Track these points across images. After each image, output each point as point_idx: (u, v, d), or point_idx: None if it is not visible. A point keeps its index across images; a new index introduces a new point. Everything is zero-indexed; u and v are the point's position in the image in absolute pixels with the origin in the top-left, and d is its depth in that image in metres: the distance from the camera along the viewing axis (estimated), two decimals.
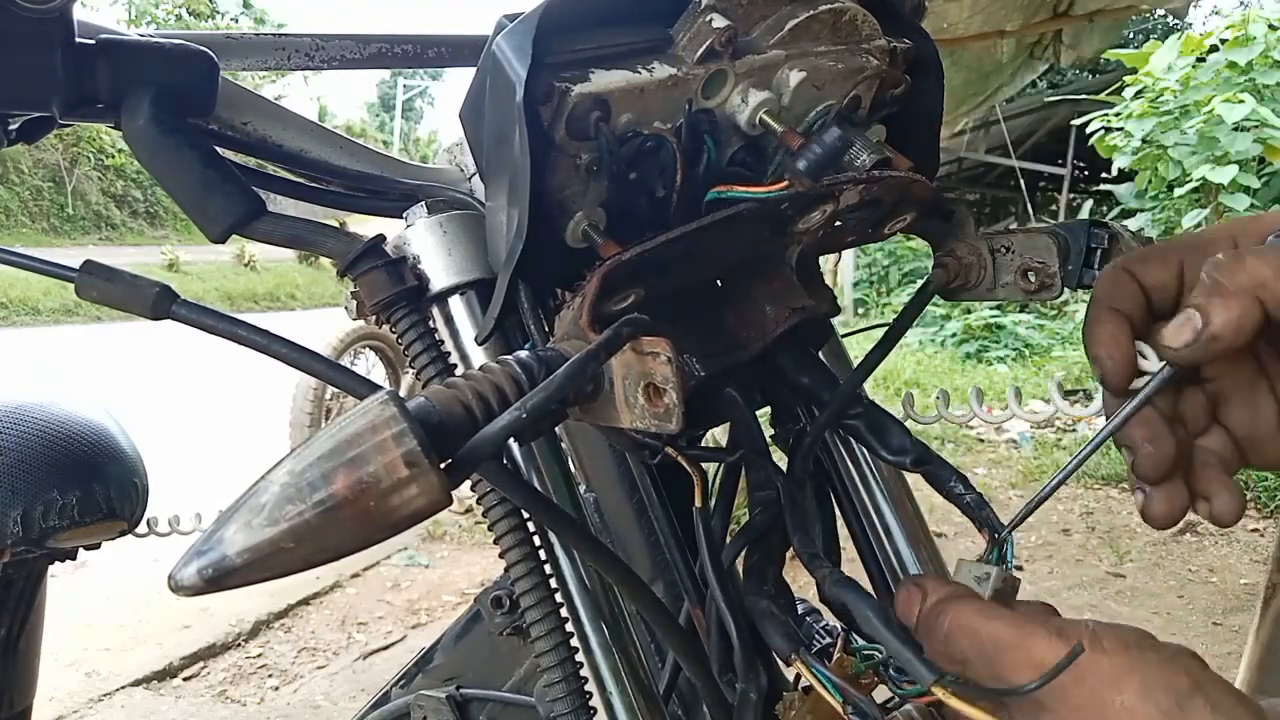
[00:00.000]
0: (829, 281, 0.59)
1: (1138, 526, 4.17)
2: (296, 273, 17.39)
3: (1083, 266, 0.53)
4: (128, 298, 0.55)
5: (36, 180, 17.27)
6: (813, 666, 0.44)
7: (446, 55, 0.72)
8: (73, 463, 0.87)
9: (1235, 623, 3.15)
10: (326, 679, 2.89)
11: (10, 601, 0.96)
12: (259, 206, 0.56)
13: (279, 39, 0.67)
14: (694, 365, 0.50)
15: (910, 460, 0.50)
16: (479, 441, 0.34)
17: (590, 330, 0.40)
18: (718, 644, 0.55)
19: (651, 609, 0.53)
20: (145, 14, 21.45)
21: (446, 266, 0.57)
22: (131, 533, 0.94)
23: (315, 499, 0.29)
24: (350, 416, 0.31)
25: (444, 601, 3.43)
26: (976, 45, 4.50)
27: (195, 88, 0.58)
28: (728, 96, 0.47)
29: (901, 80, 0.52)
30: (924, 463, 0.50)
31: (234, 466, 4.20)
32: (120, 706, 2.69)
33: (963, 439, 5.67)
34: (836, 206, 0.49)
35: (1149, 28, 14.79)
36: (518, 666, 0.82)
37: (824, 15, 0.48)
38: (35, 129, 0.59)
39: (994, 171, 14.27)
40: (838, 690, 0.43)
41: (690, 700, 0.73)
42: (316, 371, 0.58)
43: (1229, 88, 5.22)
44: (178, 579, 0.29)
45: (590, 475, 0.73)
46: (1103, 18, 4.38)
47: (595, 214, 0.46)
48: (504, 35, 0.42)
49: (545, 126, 0.43)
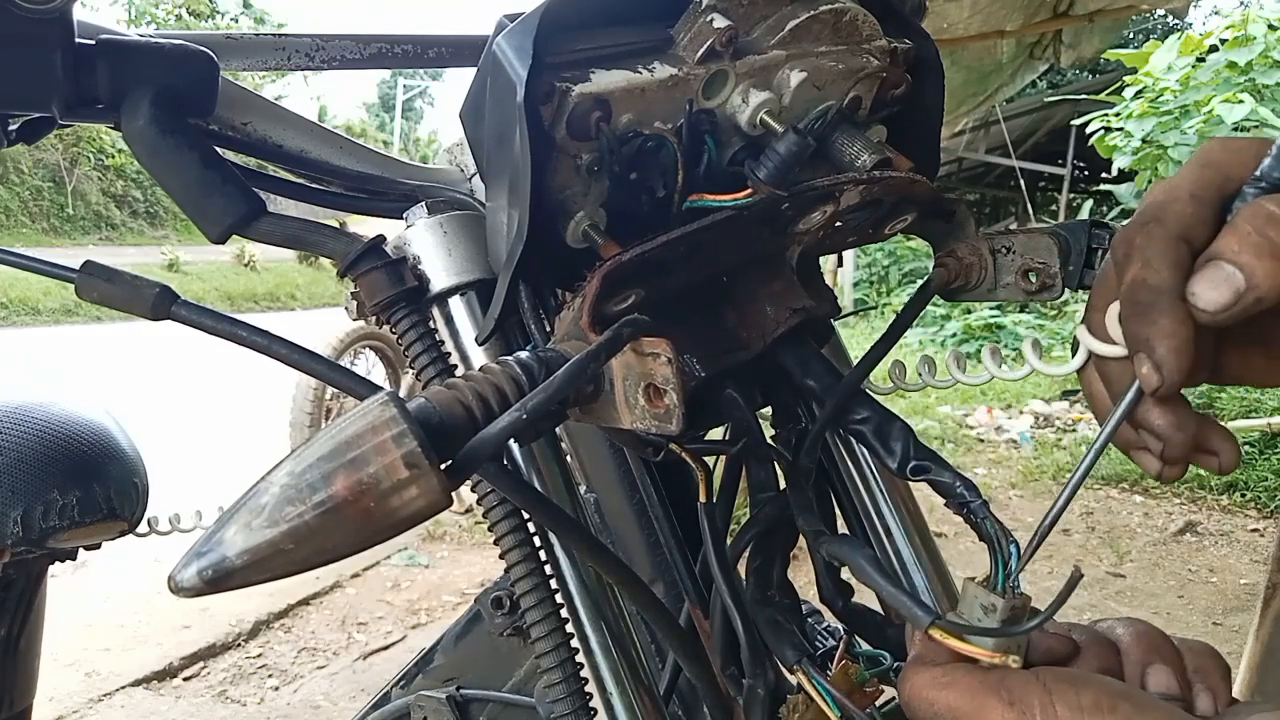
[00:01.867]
0: (829, 281, 0.59)
1: (1138, 526, 4.18)
2: (296, 273, 17.39)
3: (1084, 267, 0.53)
4: (128, 298, 0.55)
5: (36, 180, 17.27)
6: (814, 679, 0.44)
7: (447, 55, 0.72)
8: (73, 463, 0.87)
9: (1235, 623, 3.15)
10: (326, 679, 2.89)
11: (10, 601, 0.96)
12: (259, 207, 0.56)
13: (279, 39, 0.67)
14: (694, 366, 0.50)
15: (911, 469, 0.48)
16: (479, 442, 0.34)
17: (591, 331, 0.40)
18: (722, 640, 0.54)
19: (652, 609, 0.53)
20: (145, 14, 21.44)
21: (447, 267, 0.57)
22: (132, 533, 0.94)
23: (315, 500, 0.29)
24: (350, 417, 0.31)
25: (444, 602, 3.43)
26: (976, 45, 4.50)
27: (195, 88, 0.58)
28: (728, 97, 0.47)
29: (902, 80, 0.52)
30: (926, 472, 0.48)
31: (234, 466, 4.20)
32: (120, 706, 2.69)
33: (963, 439, 5.67)
34: (837, 207, 0.49)
35: (1149, 28, 14.79)
36: (518, 667, 0.82)
37: (825, 15, 0.48)
38: (35, 129, 0.59)
39: (994, 171, 14.28)
40: (836, 705, 0.43)
41: (690, 700, 0.73)
42: (316, 372, 0.58)
43: (1229, 88, 5.22)
44: (178, 580, 0.29)
45: (590, 476, 0.73)
46: (1103, 18, 4.39)
47: (596, 214, 0.46)
48: (505, 35, 0.42)
49: (546, 126, 0.43)
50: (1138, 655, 0.42)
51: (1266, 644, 2.21)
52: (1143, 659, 0.42)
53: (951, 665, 0.39)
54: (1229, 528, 4.13)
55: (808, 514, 0.51)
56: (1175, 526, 4.13)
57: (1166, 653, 0.42)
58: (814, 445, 0.55)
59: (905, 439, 0.49)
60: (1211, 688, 0.41)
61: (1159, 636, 0.43)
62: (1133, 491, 4.58)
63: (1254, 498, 4.32)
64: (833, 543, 0.47)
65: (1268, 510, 4.23)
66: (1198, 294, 0.37)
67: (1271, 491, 4.30)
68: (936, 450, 0.49)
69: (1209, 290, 0.36)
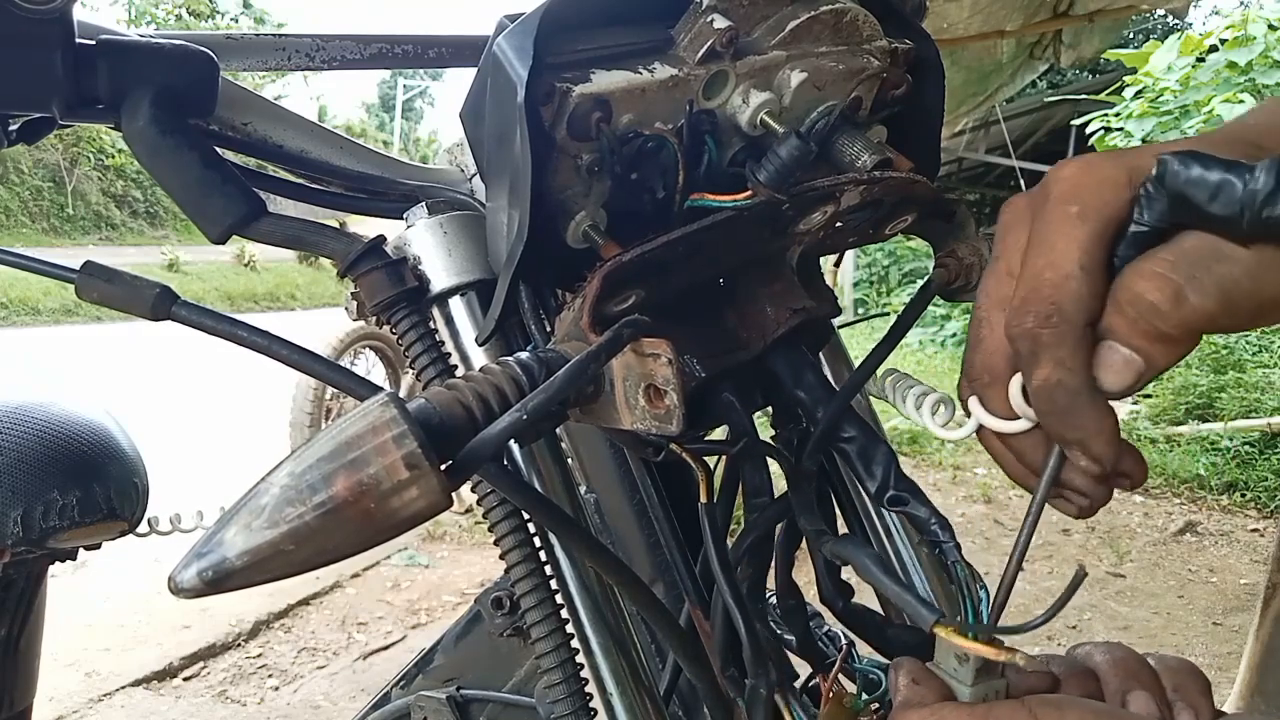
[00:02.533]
0: (829, 282, 0.59)
1: (1138, 526, 4.18)
2: (296, 273, 17.39)
3: None
4: (128, 299, 0.55)
5: (36, 180, 17.26)
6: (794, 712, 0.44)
7: (447, 56, 0.72)
8: (73, 463, 0.87)
9: (1235, 623, 3.15)
10: (326, 679, 2.88)
11: (10, 601, 0.96)
12: (259, 207, 0.56)
13: (279, 39, 0.67)
14: (695, 366, 0.50)
15: (889, 498, 0.48)
16: (479, 443, 0.34)
17: (591, 331, 0.40)
18: (722, 641, 0.54)
19: (652, 610, 0.53)
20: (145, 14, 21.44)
21: (447, 267, 0.57)
22: (132, 532, 0.94)
23: (315, 501, 0.29)
24: (350, 418, 0.31)
25: (444, 602, 3.43)
26: (976, 45, 4.50)
27: (195, 88, 0.58)
28: (729, 97, 0.47)
29: (902, 81, 0.52)
30: (903, 503, 0.47)
31: (234, 466, 4.20)
32: (120, 706, 2.69)
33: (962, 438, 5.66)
34: (838, 207, 0.49)
35: (1149, 28, 14.79)
36: (518, 667, 0.82)
37: (825, 16, 0.48)
38: (35, 129, 0.59)
39: (994, 171, 14.27)
40: None
41: (690, 701, 0.73)
42: (316, 372, 0.58)
43: (1229, 88, 5.23)
44: (178, 581, 0.29)
45: (590, 476, 0.73)
46: (1103, 18, 4.38)
47: (597, 215, 0.46)
48: (505, 36, 0.42)
49: (546, 127, 0.43)
50: (1116, 683, 0.42)
51: (1266, 644, 2.21)
52: (1121, 686, 0.42)
53: (939, 705, 0.39)
54: (1229, 528, 4.13)
55: (809, 514, 0.51)
56: (1175, 526, 4.13)
57: (1144, 678, 0.42)
58: (815, 451, 0.55)
59: (887, 465, 0.49)
60: (1192, 704, 0.42)
61: (1135, 661, 0.43)
62: (1133, 491, 4.58)
63: (1254, 498, 4.33)
64: (835, 543, 0.47)
65: (1268, 510, 4.23)
66: (1103, 380, 0.37)
67: (1271, 491, 4.30)
68: (935, 448, 0.49)
69: (1113, 377, 0.37)
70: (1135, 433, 5.06)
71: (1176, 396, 5.28)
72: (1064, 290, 0.37)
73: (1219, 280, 0.34)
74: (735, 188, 0.46)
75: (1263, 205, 0.31)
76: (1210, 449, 4.73)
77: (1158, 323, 0.35)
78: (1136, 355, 0.36)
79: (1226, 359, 5.47)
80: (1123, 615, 3.27)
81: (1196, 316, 0.34)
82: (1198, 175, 0.33)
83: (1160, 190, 0.35)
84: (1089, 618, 3.25)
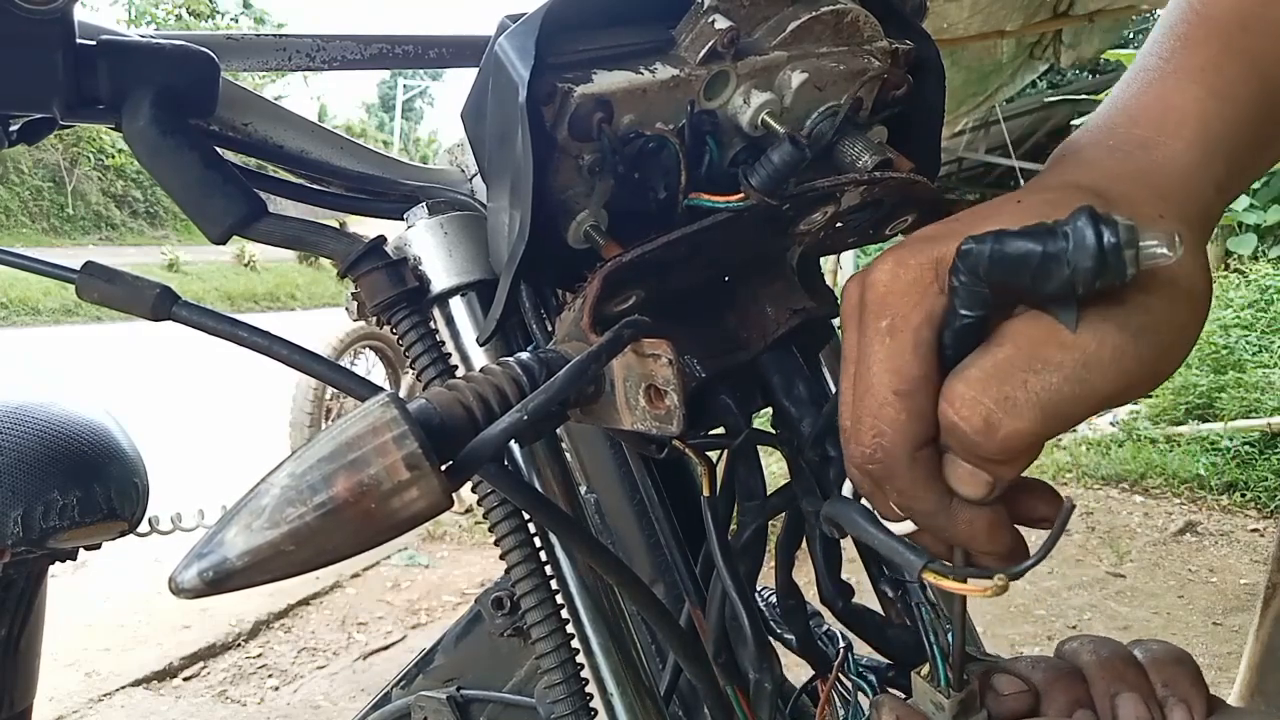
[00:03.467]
0: (829, 282, 0.59)
1: (1138, 526, 4.18)
2: (296, 273, 17.39)
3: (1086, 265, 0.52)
4: (128, 299, 0.55)
5: (36, 180, 17.26)
6: None
7: (447, 56, 0.72)
8: (73, 463, 0.87)
9: (1235, 623, 3.15)
10: (326, 679, 2.89)
11: (10, 602, 0.96)
12: (260, 207, 0.56)
13: (280, 40, 0.67)
14: (695, 366, 0.50)
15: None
16: (480, 443, 0.34)
17: (591, 332, 0.40)
18: (716, 629, 0.54)
19: (652, 610, 0.53)
20: (145, 14, 21.44)
21: (447, 267, 0.57)
22: (132, 532, 0.94)
23: (316, 501, 0.29)
24: (351, 419, 0.31)
25: (444, 602, 3.43)
26: (976, 45, 4.50)
27: (196, 89, 0.57)
28: (730, 98, 0.47)
29: (903, 81, 0.52)
30: None
31: (234, 467, 4.20)
32: (120, 706, 2.69)
33: None
34: (838, 208, 0.49)
35: (1149, 28, 14.79)
36: (518, 667, 0.82)
37: (826, 16, 0.48)
38: (36, 130, 0.59)
39: (994, 171, 14.25)
40: None
41: (691, 701, 0.73)
42: (317, 373, 0.58)
43: None
44: (179, 581, 0.29)
45: (591, 476, 0.73)
46: (1103, 18, 4.39)
47: (598, 215, 0.46)
48: (507, 36, 0.42)
49: (548, 127, 0.43)
50: (1104, 685, 0.41)
51: (1266, 644, 2.21)
52: (1109, 689, 0.41)
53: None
54: (1229, 528, 4.13)
55: (810, 497, 0.51)
56: (1175, 526, 4.13)
57: (1132, 677, 0.41)
58: (815, 445, 0.55)
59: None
60: (1184, 697, 0.41)
61: (1123, 660, 0.42)
62: (1133, 491, 4.58)
63: (1254, 498, 4.32)
64: (828, 504, 0.46)
65: (1268, 510, 4.23)
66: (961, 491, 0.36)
67: (1271, 491, 4.30)
68: None
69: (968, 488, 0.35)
70: (1135, 432, 5.06)
71: (1176, 396, 5.27)
72: (883, 418, 0.35)
73: (1035, 396, 0.31)
74: (736, 188, 0.46)
75: (1075, 263, 0.30)
76: (1210, 449, 4.72)
77: (978, 451, 0.33)
78: (980, 470, 0.34)
79: (1226, 359, 5.47)
80: (1123, 615, 3.27)
81: (1017, 439, 0.32)
82: (1009, 253, 0.31)
83: (975, 279, 0.32)
84: (1089, 618, 3.25)
